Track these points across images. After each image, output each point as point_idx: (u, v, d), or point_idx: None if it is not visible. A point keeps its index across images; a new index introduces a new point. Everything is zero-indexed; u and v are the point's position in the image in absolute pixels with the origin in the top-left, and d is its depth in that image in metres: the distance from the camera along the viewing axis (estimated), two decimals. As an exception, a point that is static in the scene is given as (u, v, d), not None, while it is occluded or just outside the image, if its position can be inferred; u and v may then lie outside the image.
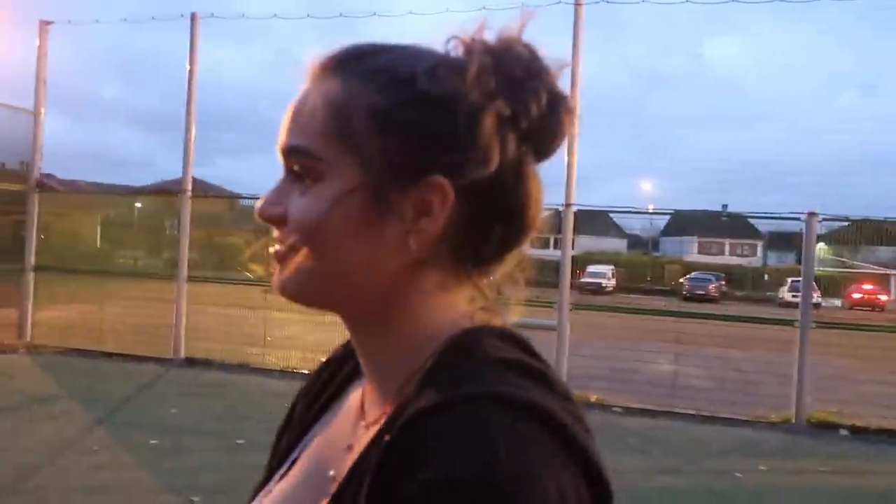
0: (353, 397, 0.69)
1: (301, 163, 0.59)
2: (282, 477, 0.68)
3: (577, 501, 0.50)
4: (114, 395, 6.40)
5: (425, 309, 0.62)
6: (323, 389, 0.74)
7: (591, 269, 32.05)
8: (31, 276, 9.05)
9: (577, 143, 7.18)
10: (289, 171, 0.61)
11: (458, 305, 0.63)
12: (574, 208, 7.32)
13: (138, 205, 12.37)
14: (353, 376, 0.72)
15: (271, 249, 0.62)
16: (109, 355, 8.29)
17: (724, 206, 26.86)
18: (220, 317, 8.76)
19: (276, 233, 0.62)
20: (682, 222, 42.54)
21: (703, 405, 7.20)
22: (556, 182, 7.31)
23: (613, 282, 32.30)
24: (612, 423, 6.54)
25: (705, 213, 21.48)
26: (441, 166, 0.57)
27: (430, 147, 0.58)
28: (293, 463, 0.69)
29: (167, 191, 10.81)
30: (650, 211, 15.15)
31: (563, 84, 0.62)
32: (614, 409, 6.99)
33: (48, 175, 10.40)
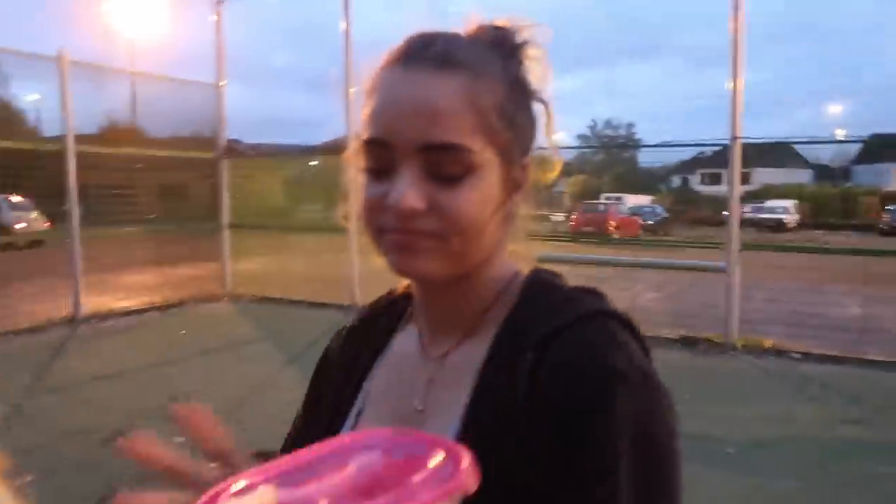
0: (401, 346, 0.79)
1: (460, 160, 0.64)
2: (353, 429, 0.76)
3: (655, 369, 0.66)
4: (301, 339, 7.09)
5: (499, 260, 0.74)
6: (359, 352, 0.82)
7: (770, 204, 29.63)
8: (226, 234, 10.17)
9: (741, 71, 6.62)
10: (428, 164, 0.64)
11: (507, 254, 0.76)
12: (741, 141, 6.79)
13: (314, 163, 13.28)
14: (391, 332, 0.82)
15: (394, 237, 0.66)
16: (295, 302, 9.16)
17: (934, 125, 23.32)
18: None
19: (399, 220, 0.65)
20: (880, 148, 37.72)
21: (899, 351, 6.55)
22: (724, 113, 6.82)
23: (796, 217, 29.67)
24: (789, 369, 6.16)
25: (909, 135, 18.92)
26: (528, 149, 0.72)
27: (531, 136, 0.72)
28: (359, 414, 0.77)
29: (336, 148, 11.47)
30: (839, 139, 13.60)
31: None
32: (792, 354, 6.55)
33: (235, 141, 11.46)
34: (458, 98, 0.64)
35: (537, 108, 0.73)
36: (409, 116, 0.64)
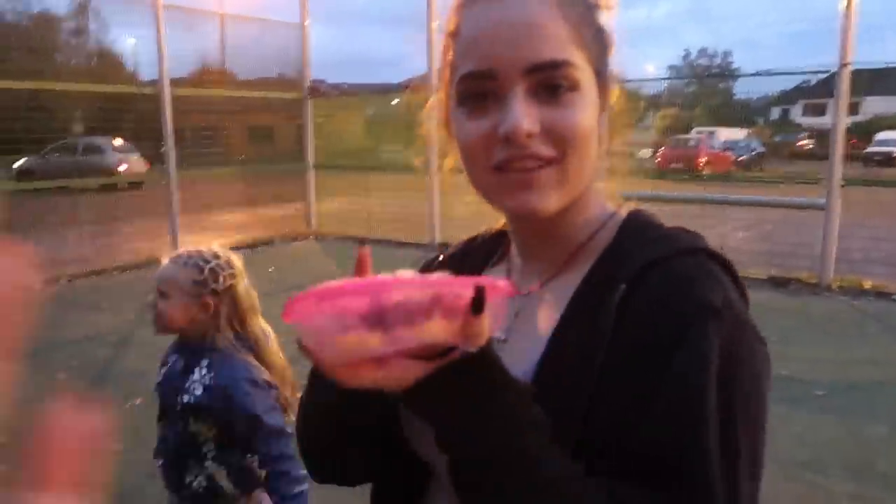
0: None
1: (565, 75, 0.63)
2: None
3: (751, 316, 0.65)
4: (383, 276, 7.28)
5: (593, 196, 0.73)
6: None
7: (881, 136, 27.43)
8: (311, 174, 10.43)
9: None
10: (536, 85, 0.63)
11: (598, 193, 0.75)
12: (850, 68, 6.27)
13: (394, 102, 13.30)
14: (482, 269, 0.83)
15: (514, 175, 0.65)
16: (378, 241, 9.36)
17: None
18: (470, 204, 9.28)
19: (516, 148, 0.63)
20: None
21: None
22: (833, 36, 6.29)
23: (910, 150, 27.37)
24: (889, 312, 5.83)
25: None
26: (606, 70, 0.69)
27: (611, 51, 0.70)
28: None
29: (417, 86, 11.41)
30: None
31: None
32: (894, 297, 6.19)
33: (319, 81, 11.60)
34: (553, 13, 0.63)
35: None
36: (510, 40, 0.63)
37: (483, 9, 0.64)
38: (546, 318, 0.69)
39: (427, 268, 0.90)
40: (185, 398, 1.78)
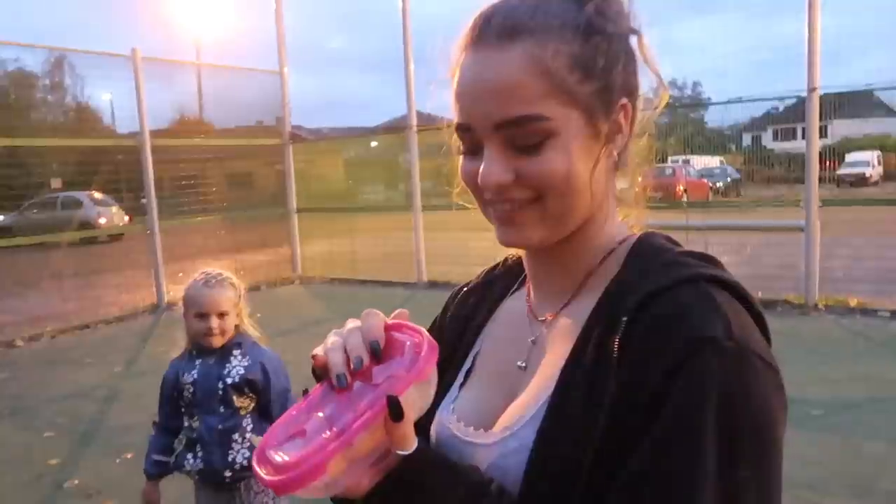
0: (510, 309, 0.82)
1: (533, 129, 0.64)
2: (461, 386, 0.80)
3: (765, 344, 0.64)
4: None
5: (608, 216, 0.73)
6: (474, 313, 0.85)
7: (851, 157, 27.99)
8: (294, 218, 10.42)
9: (818, 17, 6.26)
10: (507, 138, 0.65)
11: (617, 215, 0.75)
12: (819, 92, 6.44)
13: (374, 144, 13.41)
14: (503, 297, 0.84)
15: (496, 212, 0.69)
16: (364, 282, 9.32)
17: None
18: (455, 241, 9.31)
19: (493, 195, 0.68)
20: (974, 89, 34.80)
21: None
22: (797, 63, 6.48)
23: (880, 170, 28.01)
24: (876, 328, 5.88)
25: None
26: (624, 90, 0.69)
27: (620, 77, 0.68)
28: (468, 373, 0.81)
29: (396, 128, 11.53)
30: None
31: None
32: (879, 313, 6.25)
33: (297, 126, 11.67)
34: (522, 68, 0.64)
35: (632, 41, 0.71)
36: (480, 98, 0.65)
37: (467, 62, 0.67)
38: (559, 348, 0.70)
39: (452, 300, 0.91)
40: (228, 380, 2.15)
